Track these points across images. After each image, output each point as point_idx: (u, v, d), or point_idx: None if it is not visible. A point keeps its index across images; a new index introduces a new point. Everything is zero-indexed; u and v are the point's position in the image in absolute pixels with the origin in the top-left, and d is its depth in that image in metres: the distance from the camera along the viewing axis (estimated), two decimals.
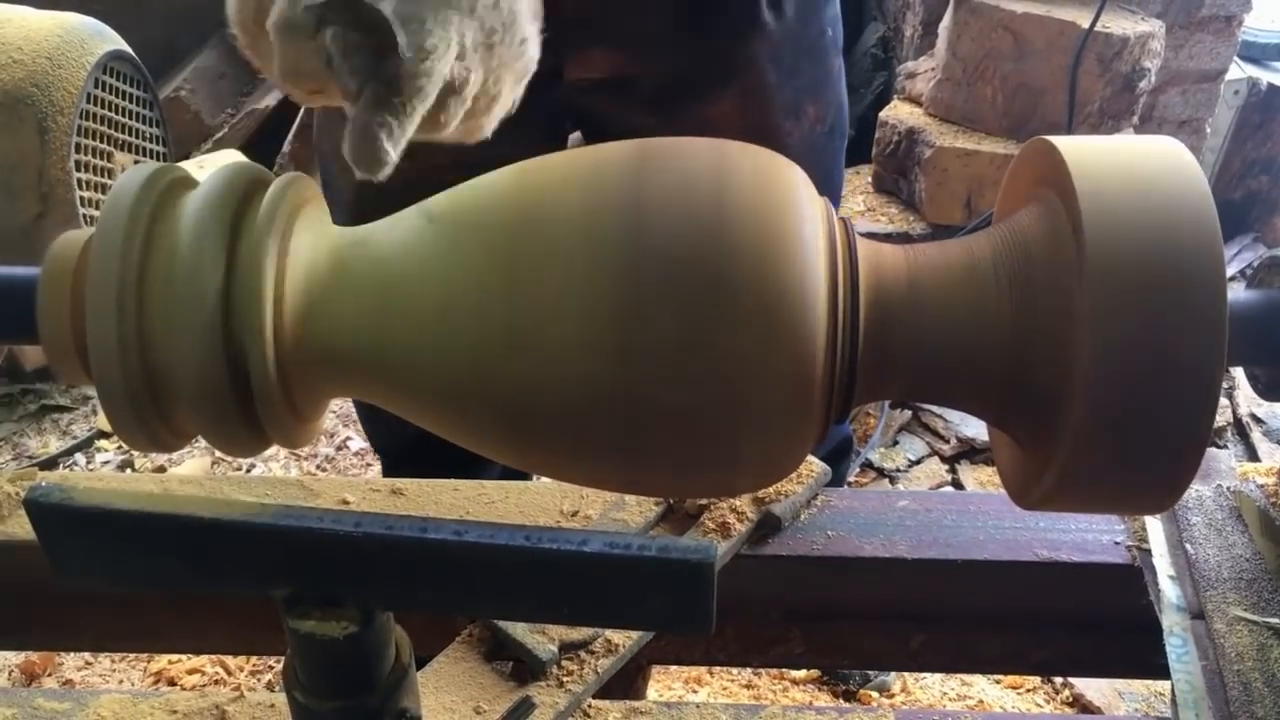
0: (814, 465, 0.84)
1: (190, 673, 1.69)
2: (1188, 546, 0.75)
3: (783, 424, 0.49)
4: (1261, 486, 0.79)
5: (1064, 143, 0.50)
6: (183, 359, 0.48)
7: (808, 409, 0.49)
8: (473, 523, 0.45)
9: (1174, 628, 0.70)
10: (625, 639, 0.71)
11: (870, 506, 0.84)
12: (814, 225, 0.49)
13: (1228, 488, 0.79)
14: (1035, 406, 0.49)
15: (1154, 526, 0.78)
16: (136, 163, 0.92)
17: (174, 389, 0.49)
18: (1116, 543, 0.79)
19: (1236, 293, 0.51)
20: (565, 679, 0.68)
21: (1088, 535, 0.80)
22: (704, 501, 0.79)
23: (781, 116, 1.09)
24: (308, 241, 0.51)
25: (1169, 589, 0.73)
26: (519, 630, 0.69)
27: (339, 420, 2.34)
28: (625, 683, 0.78)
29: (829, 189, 1.17)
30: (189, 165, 2.24)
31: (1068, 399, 0.47)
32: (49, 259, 0.50)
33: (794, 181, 0.51)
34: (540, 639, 0.68)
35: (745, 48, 1.05)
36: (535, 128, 0.52)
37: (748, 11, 1.03)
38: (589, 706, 0.69)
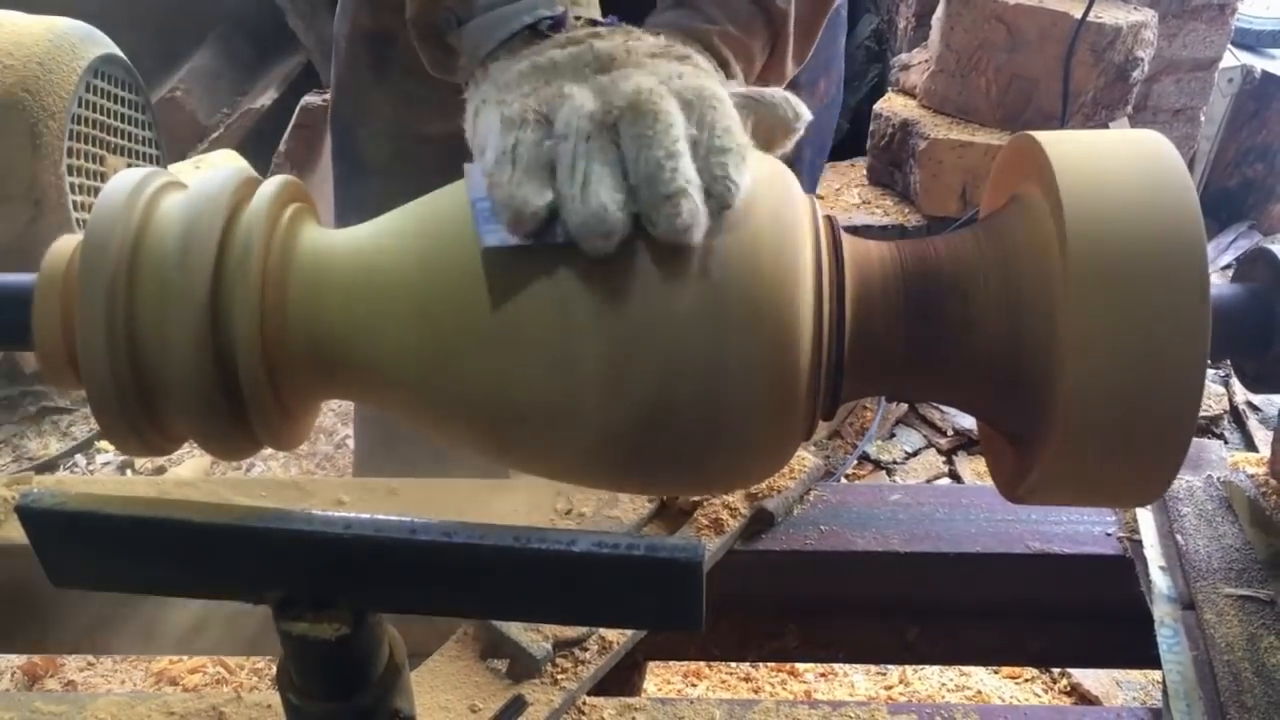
0: (806, 460, 0.84)
1: (192, 672, 1.70)
2: (1178, 537, 0.75)
3: (768, 422, 0.49)
4: (1251, 476, 0.79)
5: (1047, 138, 0.50)
6: (172, 360, 0.48)
7: (793, 406, 0.49)
8: (461, 524, 0.45)
9: (1165, 618, 0.70)
10: (619, 636, 0.72)
11: (863, 501, 0.84)
12: (799, 223, 0.49)
13: (1218, 478, 0.80)
14: (1021, 403, 0.50)
15: (1145, 517, 0.79)
16: (129, 165, 0.92)
17: (164, 390, 0.49)
18: (1108, 534, 0.80)
19: (1219, 286, 0.52)
20: (559, 676, 0.68)
21: (1079, 527, 0.81)
22: (697, 498, 0.80)
23: (804, 94, 1.06)
24: (296, 243, 0.51)
25: (1159, 579, 0.73)
26: (513, 628, 0.69)
27: (338, 418, 2.34)
28: (621, 679, 0.78)
29: (823, 158, 1.16)
30: (185, 165, 2.24)
31: (1053, 396, 0.47)
32: (43, 265, 0.51)
33: (780, 178, 0.51)
34: (534, 637, 0.69)
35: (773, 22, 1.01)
36: None
37: None
38: (583, 704, 0.70)
